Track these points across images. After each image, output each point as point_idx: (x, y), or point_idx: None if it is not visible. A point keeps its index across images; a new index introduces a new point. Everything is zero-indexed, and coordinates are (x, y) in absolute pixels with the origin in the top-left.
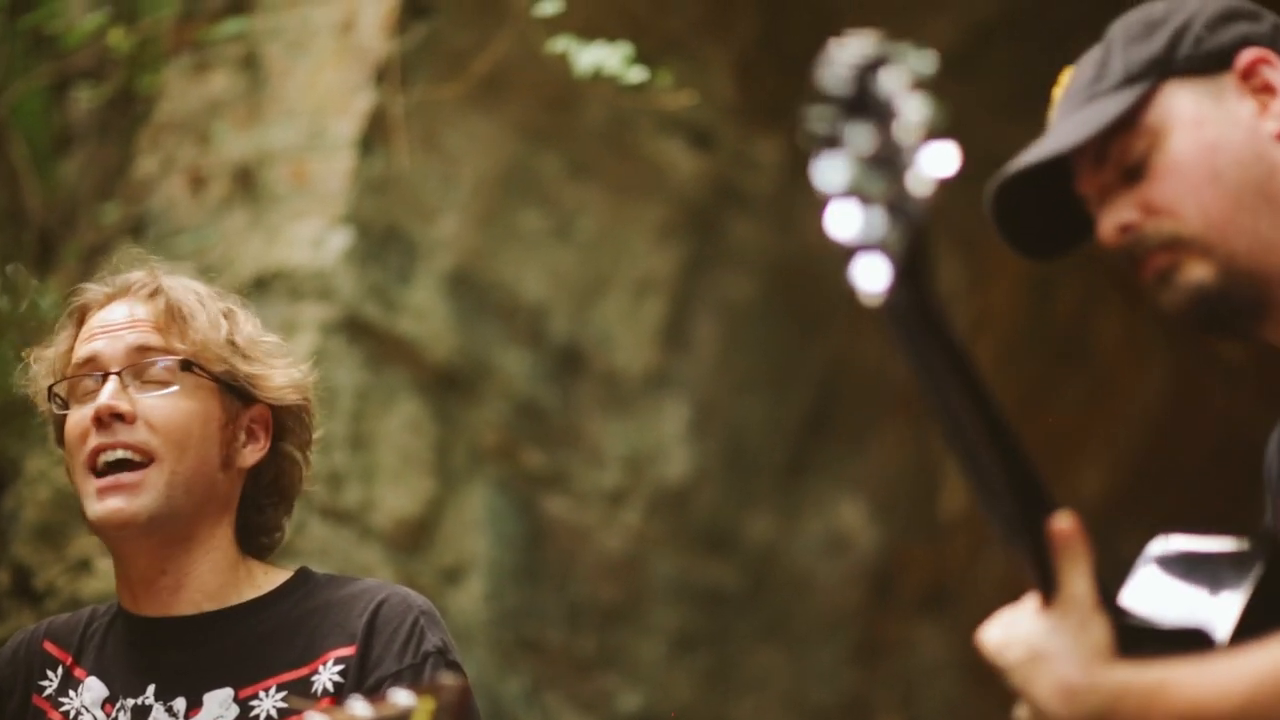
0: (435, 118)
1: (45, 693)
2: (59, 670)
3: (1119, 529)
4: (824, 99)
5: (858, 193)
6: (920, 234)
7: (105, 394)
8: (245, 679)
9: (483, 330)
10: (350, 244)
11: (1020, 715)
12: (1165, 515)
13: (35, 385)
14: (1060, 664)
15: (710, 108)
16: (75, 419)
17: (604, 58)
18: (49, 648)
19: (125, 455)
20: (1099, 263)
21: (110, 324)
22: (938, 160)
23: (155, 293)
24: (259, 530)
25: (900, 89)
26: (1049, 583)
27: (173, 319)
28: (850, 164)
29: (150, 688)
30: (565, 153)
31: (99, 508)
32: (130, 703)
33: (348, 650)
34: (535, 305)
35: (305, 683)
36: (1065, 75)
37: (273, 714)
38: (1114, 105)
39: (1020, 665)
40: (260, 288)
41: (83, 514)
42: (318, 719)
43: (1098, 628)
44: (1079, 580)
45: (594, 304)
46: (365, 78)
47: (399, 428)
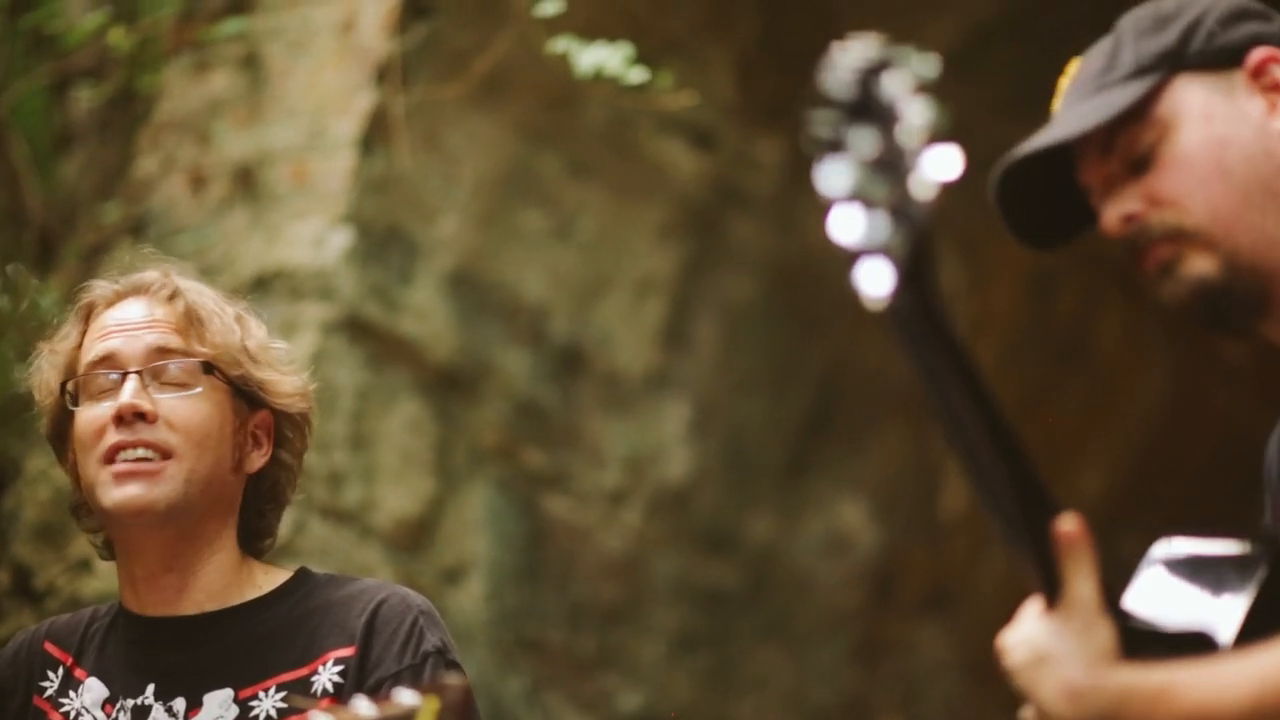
0: (436, 118)
1: (46, 694)
2: (59, 671)
3: (1119, 529)
4: (827, 103)
5: (861, 197)
6: (923, 238)
7: (127, 392)
8: (245, 679)
9: (483, 330)
10: (351, 244)
11: (1025, 717)
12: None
13: (41, 379)
14: (1065, 666)
15: (711, 108)
16: (90, 415)
17: (605, 58)
18: (50, 649)
19: (145, 454)
20: (1100, 263)
21: (126, 322)
22: (941, 164)
23: (174, 295)
24: (258, 534)
25: (903, 93)
26: (1053, 585)
27: (191, 322)
28: (853, 168)
29: (150, 687)
30: (566, 153)
31: (117, 493)
32: (130, 703)
33: (347, 650)
34: (536, 305)
35: (305, 683)
36: (1073, 65)
37: (272, 714)
38: (1124, 95)
39: (1025, 667)
40: (261, 287)
41: (83, 510)
42: (322, 719)
43: (1102, 630)
44: (1083, 582)
45: (594, 304)
46: (366, 77)
47: (399, 427)
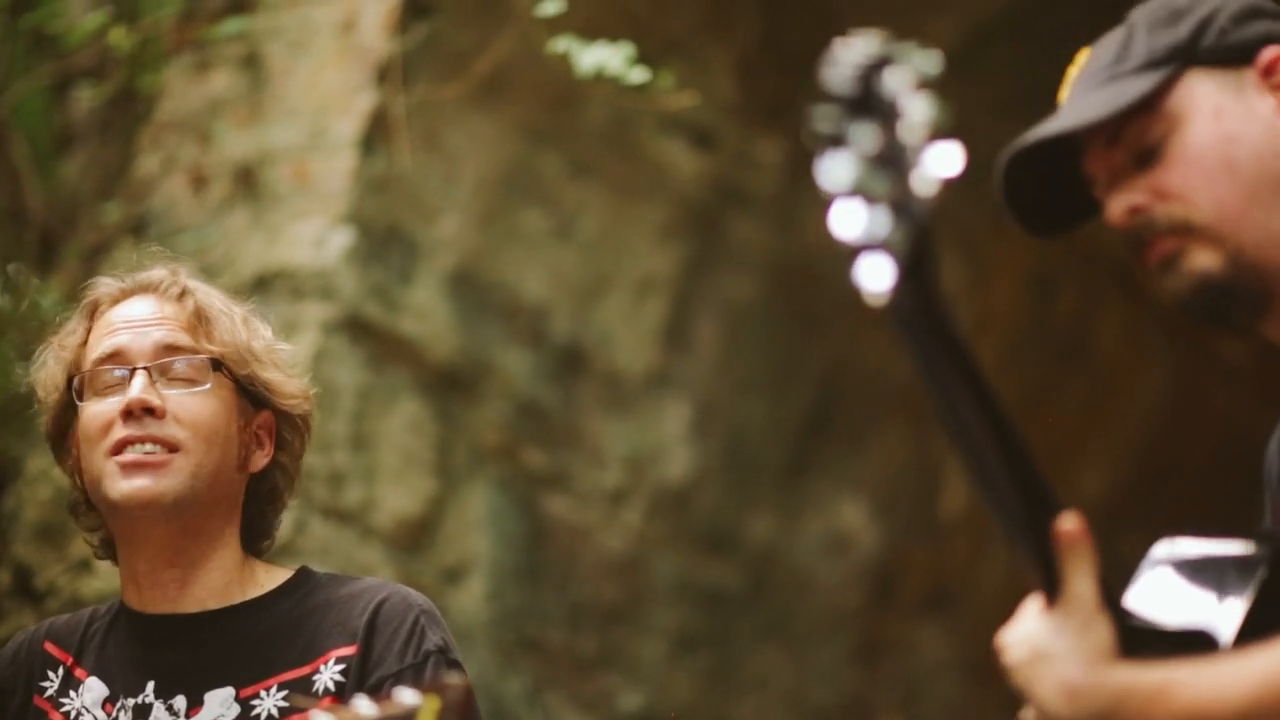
0: (436, 117)
1: (46, 693)
2: (60, 671)
3: (1119, 529)
4: (829, 99)
5: (862, 192)
6: (924, 234)
7: (136, 388)
8: (246, 678)
9: (484, 330)
10: (351, 244)
11: (1025, 716)
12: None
13: (45, 375)
14: (1063, 664)
15: (711, 108)
16: (97, 410)
17: (605, 58)
18: (50, 648)
19: (153, 449)
20: (1100, 263)
21: (134, 319)
22: (942, 160)
23: (183, 293)
24: (259, 534)
25: (905, 89)
26: (1053, 583)
27: (199, 320)
28: (855, 164)
29: (150, 685)
30: (566, 153)
31: (125, 485)
32: (130, 702)
33: (349, 649)
34: (536, 305)
35: (306, 682)
36: (1083, 54)
37: (274, 713)
38: (1135, 87)
39: (1023, 665)
40: (261, 287)
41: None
42: (323, 718)
43: (1101, 628)
44: (1083, 581)
45: (595, 304)
46: (366, 77)
47: (400, 427)
